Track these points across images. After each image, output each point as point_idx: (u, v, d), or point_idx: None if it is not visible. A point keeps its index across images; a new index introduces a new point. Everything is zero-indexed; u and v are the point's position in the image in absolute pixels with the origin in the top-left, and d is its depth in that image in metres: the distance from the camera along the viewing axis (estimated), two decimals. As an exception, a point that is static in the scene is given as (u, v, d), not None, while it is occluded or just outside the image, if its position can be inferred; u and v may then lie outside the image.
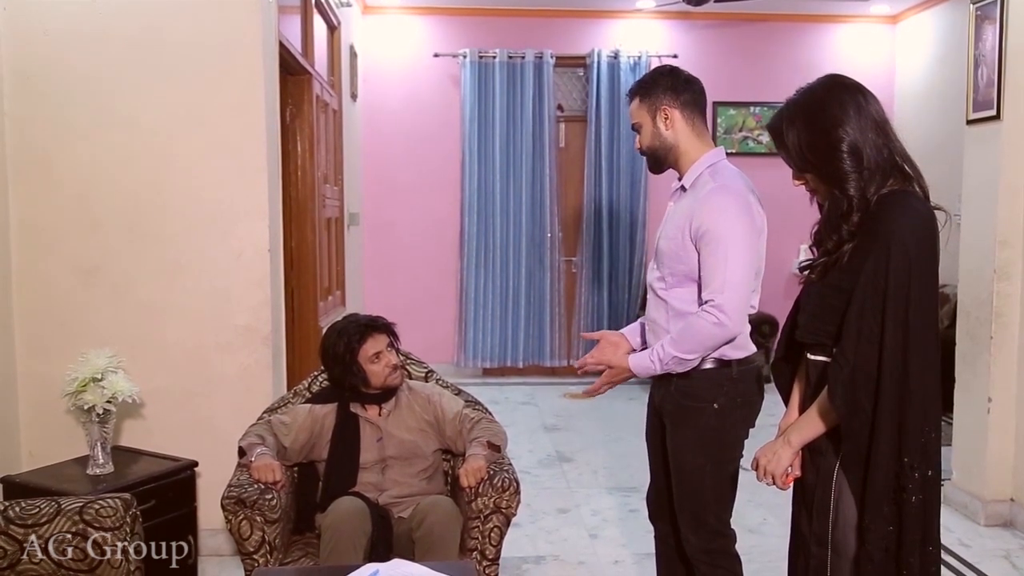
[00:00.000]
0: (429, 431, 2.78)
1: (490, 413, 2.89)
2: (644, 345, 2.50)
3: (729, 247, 2.22)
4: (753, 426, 2.40)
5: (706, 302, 2.24)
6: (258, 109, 3.29)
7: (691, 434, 2.35)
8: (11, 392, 3.24)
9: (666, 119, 2.38)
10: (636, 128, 2.46)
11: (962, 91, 4.03)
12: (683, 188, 2.40)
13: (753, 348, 2.38)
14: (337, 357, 2.71)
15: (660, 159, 2.44)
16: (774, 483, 1.93)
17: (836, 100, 1.81)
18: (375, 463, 2.69)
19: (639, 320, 2.59)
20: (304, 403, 2.83)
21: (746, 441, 2.41)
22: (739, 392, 2.33)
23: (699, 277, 2.28)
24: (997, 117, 3.74)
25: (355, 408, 2.74)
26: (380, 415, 2.75)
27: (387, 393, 2.75)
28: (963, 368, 3.98)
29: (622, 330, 2.58)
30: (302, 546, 2.64)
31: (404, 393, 2.81)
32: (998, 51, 3.72)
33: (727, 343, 2.27)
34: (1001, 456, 3.83)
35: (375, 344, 2.72)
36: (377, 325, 2.77)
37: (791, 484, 1.95)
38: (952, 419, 4.04)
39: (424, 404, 2.80)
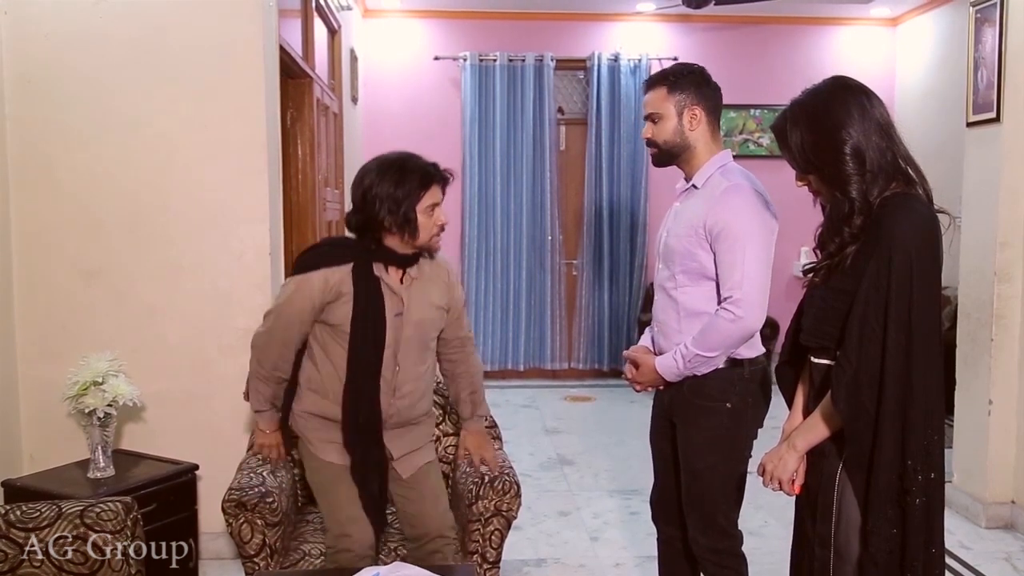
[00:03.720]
0: (439, 319, 2.50)
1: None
2: (654, 349, 2.51)
3: (747, 244, 2.24)
4: (761, 425, 2.41)
5: (724, 299, 2.25)
6: (259, 112, 3.29)
7: (704, 433, 2.36)
8: (12, 395, 3.24)
9: (692, 118, 2.37)
10: (654, 118, 2.39)
11: (962, 93, 4.03)
12: (694, 187, 2.40)
13: (763, 348, 2.40)
14: (391, 199, 2.28)
15: (674, 156, 2.42)
16: (781, 489, 1.93)
17: (840, 102, 1.81)
18: (391, 346, 2.39)
19: (647, 330, 2.59)
20: (309, 272, 2.35)
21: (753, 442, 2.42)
22: (750, 392, 2.35)
23: (715, 275, 2.30)
24: (997, 119, 3.75)
25: (377, 270, 2.36)
26: (403, 283, 2.40)
27: (415, 256, 2.41)
28: (964, 370, 3.98)
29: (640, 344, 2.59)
30: (303, 547, 2.63)
31: (426, 261, 2.47)
32: (998, 53, 3.73)
33: (748, 339, 2.29)
34: (1002, 458, 3.83)
35: (433, 195, 2.34)
36: (441, 174, 2.38)
37: (798, 491, 1.94)
38: (953, 421, 4.04)
39: (444, 284, 2.50)
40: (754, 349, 2.36)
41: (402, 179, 2.30)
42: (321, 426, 2.45)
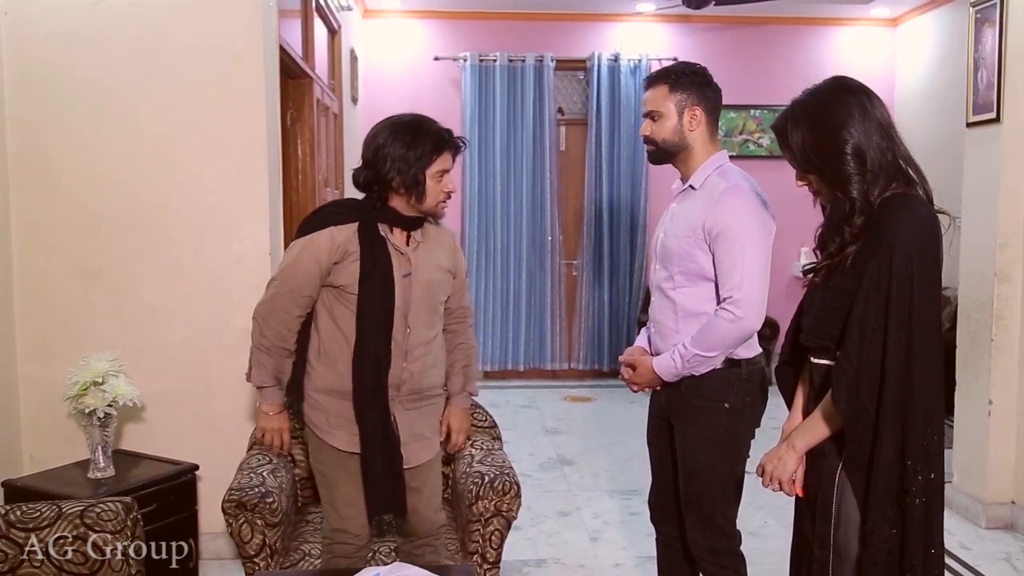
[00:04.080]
0: (447, 282, 2.47)
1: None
2: (651, 349, 2.51)
3: (746, 245, 2.25)
4: (759, 425, 2.42)
5: (724, 299, 2.26)
6: (259, 113, 3.29)
7: (702, 433, 2.36)
8: (12, 396, 3.24)
9: (693, 118, 2.37)
10: (653, 116, 2.39)
11: (962, 94, 4.03)
12: (691, 188, 2.40)
13: (760, 348, 2.41)
14: (403, 160, 2.26)
15: (671, 155, 2.42)
16: (780, 489, 1.93)
17: (841, 102, 1.82)
18: (400, 308, 2.34)
19: (643, 330, 2.59)
20: (314, 232, 2.31)
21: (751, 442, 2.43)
22: (748, 391, 2.36)
23: (714, 276, 2.30)
24: (997, 120, 3.75)
25: (382, 231, 2.33)
26: (408, 244, 2.37)
27: (420, 220, 2.38)
28: (964, 370, 3.98)
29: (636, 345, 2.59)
30: (303, 547, 2.63)
31: (431, 226, 2.45)
32: (998, 54, 3.73)
33: (747, 340, 2.30)
34: (1002, 459, 3.83)
35: (444, 161, 2.33)
36: (454, 141, 2.37)
37: (798, 492, 1.94)
38: (953, 422, 4.04)
39: (450, 249, 2.49)
40: (752, 349, 2.37)
41: (415, 141, 2.28)
42: (331, 404, 2.36)
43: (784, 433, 2.00)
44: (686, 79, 2.37)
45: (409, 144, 2.27)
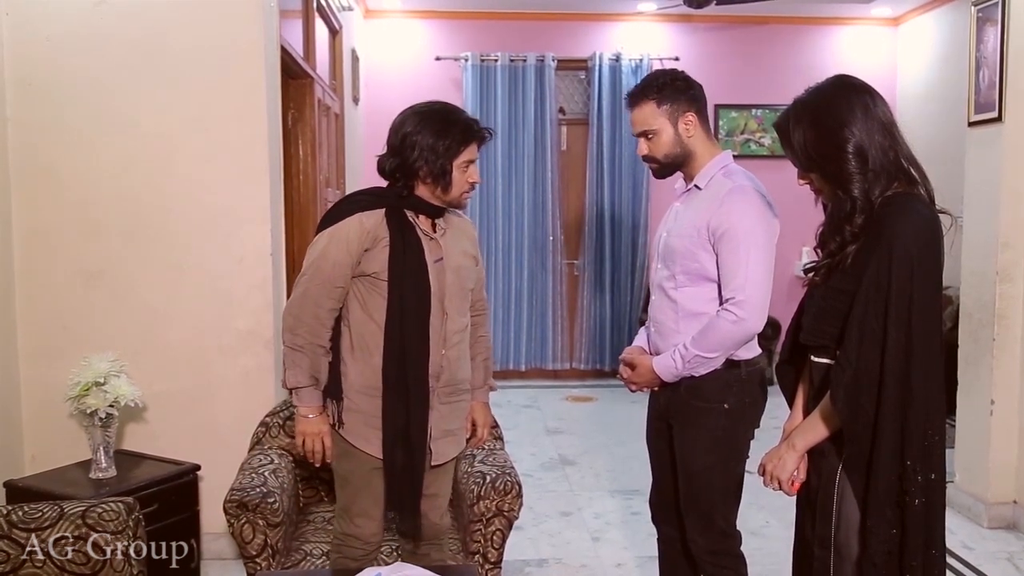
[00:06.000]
0: (473, 269, 2.44)
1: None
2: (650, 348, 2.51)
3: (751, 247, 2.25)
4: (758, 426, 2.41)
5: (727, 300, 2.25)
6: (260, 113, 3.29)
7: (702, 434, 2.36)
8: (14, 396, 3.24)
9: (688, 125, 2.35)
10: (649, 135, 2.37)
11: (963, 93, 4.03)
12: (696, 187, 2.39)
13: (759, 349, 2.40)
14: (431, 149, 2.23)
15: (678, 166, 2.40)
16: (780, 488, 1.93)
17: (844, 100, 1.82)
18: (436, 293, 2.29)
19: (642, 329, 2.59)
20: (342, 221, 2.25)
21: (751, 443, 2.43)
22: (747, 392, 2.35)
23: (717, 277, 2.30)
24: (999, 119, 3.74)
25: (409, 216, 2.30)
26: (435, 231, 2.34)
27: (443, 210, 2.35)
28: (966, 370, 3.97)
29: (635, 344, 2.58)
30: (304, 547, 2.63)
31: (452, 215, 2.42)
32: (999, 53, 3.72)
33: (748, 341, 2.30)
34: (1004, 458, 3.82)
35: (471, 152, 2.29)
36: (482, 132, 2.32)
37: (797, 490, 1.94)
38: (955, 422, 4.03)
39: (472, 236, 2.47)
40: (751, 351, 2.37)
41: (444, 131, 2.24)
42: (368, 404, 2.27)
43: (785, 432, 2.00)
44: (669, 88, 2.35)
45: (438, 133, 2.23)
